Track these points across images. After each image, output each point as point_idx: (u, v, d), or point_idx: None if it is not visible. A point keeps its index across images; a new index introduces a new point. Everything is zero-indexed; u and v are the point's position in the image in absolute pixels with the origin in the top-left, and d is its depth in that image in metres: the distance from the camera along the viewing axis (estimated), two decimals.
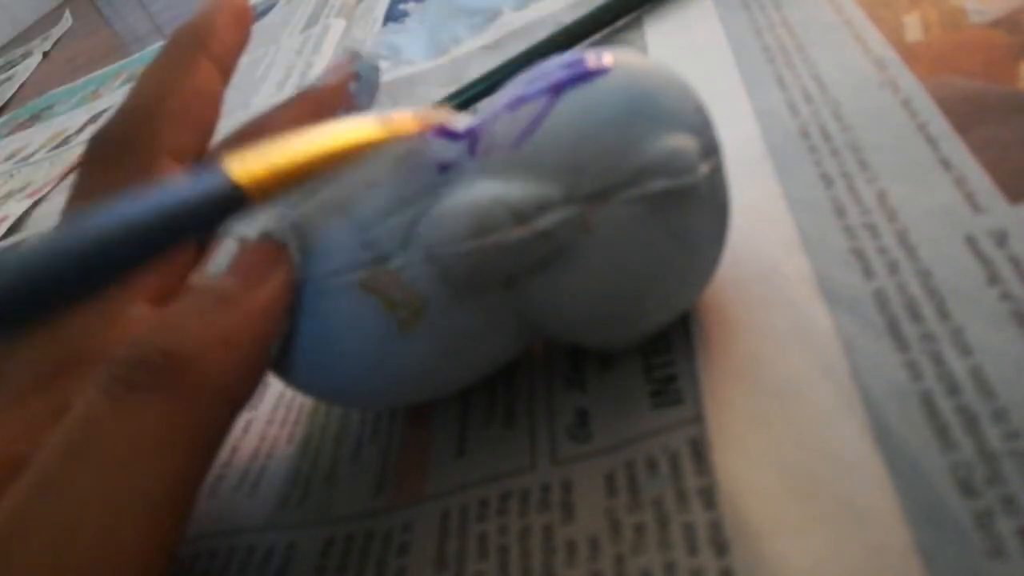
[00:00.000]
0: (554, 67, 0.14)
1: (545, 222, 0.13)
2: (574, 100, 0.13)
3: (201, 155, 0.17)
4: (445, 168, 0.14)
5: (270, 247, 0.13)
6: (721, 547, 0.12)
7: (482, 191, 0.13)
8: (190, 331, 0.12)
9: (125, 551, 0.11)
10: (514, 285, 0.14)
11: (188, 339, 0.12)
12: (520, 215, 0.13)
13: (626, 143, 0.13)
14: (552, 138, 0.13)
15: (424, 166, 0.14)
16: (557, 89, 0.13)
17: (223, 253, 0.13)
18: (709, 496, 0.12)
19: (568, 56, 0.14)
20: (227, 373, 0.12)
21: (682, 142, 0.13)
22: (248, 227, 0.14)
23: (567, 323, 0.14)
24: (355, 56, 0.19)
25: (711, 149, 0.14)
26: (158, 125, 0.16)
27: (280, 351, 0.14)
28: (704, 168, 0.13)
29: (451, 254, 0.13)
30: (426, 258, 0.13)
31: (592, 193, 0.13)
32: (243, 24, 0.18)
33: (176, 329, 0.12)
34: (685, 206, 0.13)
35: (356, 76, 0.19)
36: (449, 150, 0.14)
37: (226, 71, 0.18)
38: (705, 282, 0.15)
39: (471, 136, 0.14)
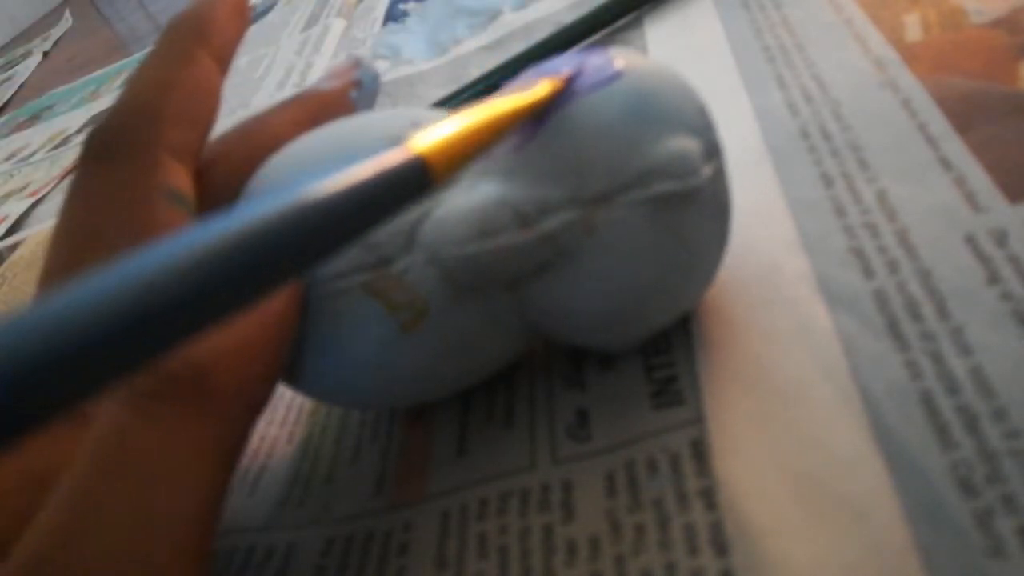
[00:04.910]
0: (560, 68, 0.14)
1: (548, 224, 0.13)
2: (577, 104, 0.13)
3: (199, 152, 0.16)
4: None
5: None
6: (722, 548, 0.12)
7: (485, 193, 0.13)
8: (209, 341, 0.12)
9: (167, 567, 0.11)
10: (517, 287, 0.14)
11: (207, 348, 0.12)
12: (523, 217, 0.13)
13: (630, 145, 0.13)
14: (555, 140, 0.13)
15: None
16: (563, 95, 0.13)
17: None
18: (710, 497, 0.12)
19: (572, 57, 0.14)
20: (246, 380, 0.12)
21: (685, 144, 0.13)
22: None
23: (569, 325, 0.14)
24: (357, 63, 0.19)
25: (713, 151, 0.14)
26: (159, 122, 0.15)
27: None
28: (707, 170, 0.13)
29: (454, 257, 0.13)
30: (429, 260, 0.13)
31: (595, 195, 0.13)
32: (242, 16, 0.18)
33: None
34: (688, 208, 0.13)
35: (358, 84, 0.18)
36: None
37: (225, 65, 0.17)
38: (707, 284, 0.14)
39: None
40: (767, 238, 0.16)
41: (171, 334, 0.07)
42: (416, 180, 0.09)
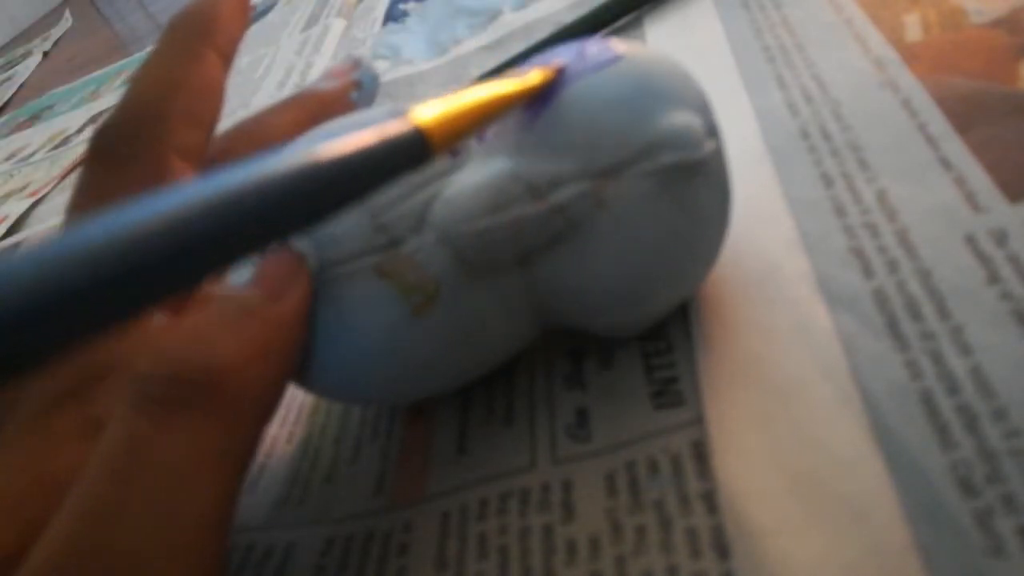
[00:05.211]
0: (562, 56, 0.14)
1: (560, 196, 0.13)
2: (583, 82, 0.14)
3: (204, 151, 0.16)
4: (455, 152, 0.14)
5: (290, 257, 0.13)
6: (723, 551, 0.12)
7: (496, 169, 0.14)
8: (222, 345, 0.12)
9: (180, 572, 0.11)
10: (528, 263, 0.14)
11: (221, 354, 0.12)
12: (535, 190, 0.13)
13: (636, 119, 0.13)
14: (563, 117, 0.13)
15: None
16: (568, 76, 0.14)
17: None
18: (711, 500, 0.12)
19: (571, 47, 0.14)
20: (260, 386, 0.12)
21: (688, 118, 0.13)
22: None
23: (579, 303, 0.14)
24: (356, 64, 0.19)
25: (713, 131, 0.14)
26: (166, 122, 0.15)
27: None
28: (710, 144, 0.14)
29: (467, 232, 0.13)
30: (440, 239, 0.13)
31: (605, 168, 0.13)
32: (244, 13, 0.18)
33: (208, 343, 0.12)
34: (694, 179, 0.13)
35: (358, 84, 0.19)
36: None
37: (229, 61, 0.17)
38: (709, 264, 0.15)
39: None
40: (767, 238, 0.16)
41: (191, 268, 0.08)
42: (415, 148, 0.10)
